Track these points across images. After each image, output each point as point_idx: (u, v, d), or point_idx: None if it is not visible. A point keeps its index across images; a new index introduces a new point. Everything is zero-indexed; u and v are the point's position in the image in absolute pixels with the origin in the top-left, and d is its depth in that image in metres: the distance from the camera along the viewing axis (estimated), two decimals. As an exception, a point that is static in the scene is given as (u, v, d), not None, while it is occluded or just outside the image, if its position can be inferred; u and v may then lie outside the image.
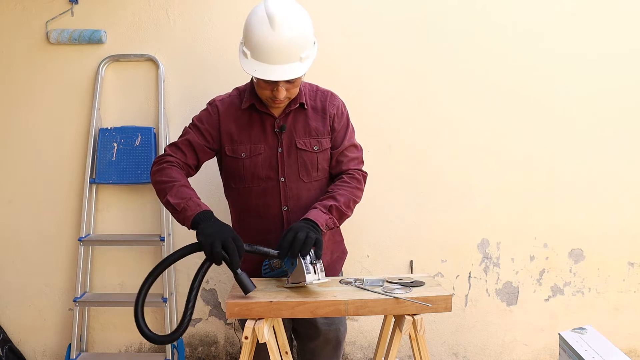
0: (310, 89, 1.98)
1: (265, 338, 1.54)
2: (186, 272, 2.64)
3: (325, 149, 1.92)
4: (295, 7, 1.73)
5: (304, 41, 1.73)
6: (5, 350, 2.64)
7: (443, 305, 1.59)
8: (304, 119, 1.91)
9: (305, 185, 1.91)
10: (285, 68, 1.71)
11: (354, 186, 1.88)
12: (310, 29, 1.77)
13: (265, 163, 1.88)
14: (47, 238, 2.65)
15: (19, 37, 2.56)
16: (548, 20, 2.53)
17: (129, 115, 2.59)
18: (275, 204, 1.90)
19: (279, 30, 1.67)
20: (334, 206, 1.79)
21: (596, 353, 1.93)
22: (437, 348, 2.69)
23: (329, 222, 1.77)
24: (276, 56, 1.69)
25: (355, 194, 1.88)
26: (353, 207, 1.88)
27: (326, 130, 1.92)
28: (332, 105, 1.94)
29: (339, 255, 2.10)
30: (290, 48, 1.70)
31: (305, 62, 1.75)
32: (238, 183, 1.93)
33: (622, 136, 2.59)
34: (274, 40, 1.68)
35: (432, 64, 2.55)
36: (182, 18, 2.54)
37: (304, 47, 1.73)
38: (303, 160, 1.89)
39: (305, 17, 1.75)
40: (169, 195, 1.75)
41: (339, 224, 1.84)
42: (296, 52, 1.71)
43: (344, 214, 1.83)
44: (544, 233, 2.63)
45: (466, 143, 2.58)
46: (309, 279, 1.57)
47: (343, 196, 1.83)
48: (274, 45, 1.68)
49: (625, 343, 2.65)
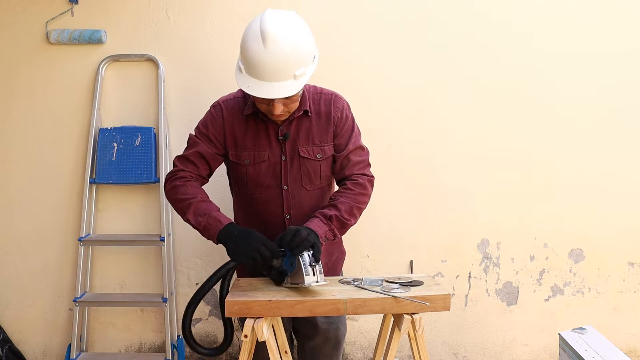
0: (315, 92, 1.92)
1: (264, 337, 1.54)
2: (186, 273, 2.65)
3: (329, 156, 1.88)
4: (291, 23, 1.65)
5: (299, 59, 1.65)
6: (5, 350, 2.64)
7: (441, 304, 1.60)
8: (307, 126, 1.86)
9: (308, 193, 1.89)
10: (278, 86, 1.65)
11: (358, 192, 1.83)
12: (307, 45, 1.69)
13: (268, 171, 1.86)
14: (47, 238, 2.65)
15: (19, 37, 2.57)
16: (546, 20, 2.53)
17: (129, 115, 2.59)
18: (277, 212, 1.89)
19: (271, 48, 1.61)
20: (335, 216, 1.76)
21: (596, 353, 1.93)
22: (437, 348, 2.69)
23: (328, 234, 1.75)
24: (268, 73, 1.63)
25: (358, 201, 1.82)
26: (358, 213, 1.83)
27: (329, 137, 1.88)
28: (336, 109, 1.89)
29: (338, 256, 2.09)
30: (283, 66, 1.63)
31: (300, 80, 1.67)
32: (242, 188, 1.92)
33: (622, 136, 2.59)
34: (266, 58, 1.61)
35: (432, 64, 2.55)
36: (182, 18, 2.54)
37: (299, 65, 1.65)
38: (306, 169, 1.86)
39: (302, 33, 1.67)
40: (188, 214, 1.76)
41: (340, 234, 1.81)
42: (290, 70, 1.64)
43: (345, 222, 1.79)
44: (544, 233, 2.63)
45: (466, 143, 2.58)
46: (307, 281, 1.57)
47: (344, 204, 1.79)
48: (266, 63, 1.62)
49: (625, 343, 2.65)
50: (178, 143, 2.59)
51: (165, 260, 2.52)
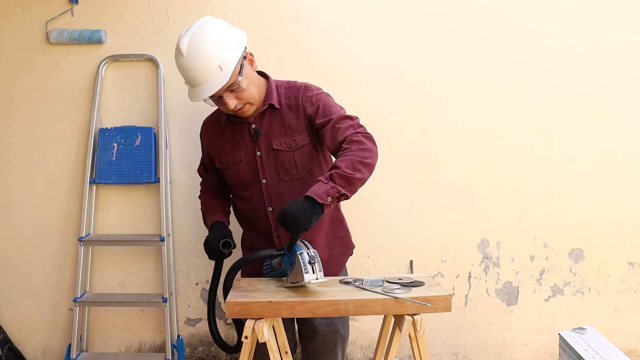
0: (287, 87, 1.98)
1: (265, 338, 1.54)
2: (186, 273, 2.65)
3: (301, 145, 1.92)
4: (200, 28, 1.79)
5: (216, 52, 1.76)
6: (5, 350, 2.64)
7: (442, 305, 1.60)
8: (279, 119, 1.94)
9: (287, 184, 1.94)
10: (211, 83, 1.77)
11: (355, 148, 1.74)
12: (221, 38, 1.78)
13: (247, 168, 1.96)
14: (47, 238, 2.65)
15: (19, 37, 2.57)
16: (546, 16, 2.53)
17: (129, 115, 2.59)
18: (260, 206, 1.96)
19: (187, 54, 1.76)
20: (335, 173, 1.67)
21: (596, 353, 1.93)
22: (437, 348, 2.69)
23: (331, 191, 1.65)
24: (197, 76, 1.78)
25: (359, 155, 1.72)
26: (363, 168, 1.71)
27: (300, 127, 1.92)
28: (304, 97, 1.93)
29: (340, 251, 2.06)
30: (204, 65, 1.76)
31: (226, 70, 1.76)
32: (232, 191, 2.07)
33: (622, 136, 2.59)
34: (188, 64, 1.77)
35: (432, 63, 2.55)
36: (182, 18, 2.54)
37: (219, 58, 1.75)
38: (281, 160, 1.93)
39: (213, 32, 1.78)
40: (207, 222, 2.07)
41: (347, 192, 1.68)
42: (211, 65, 1.76)
43: (350, 177, 1.67)
44: (544, 233, 2.63)
45: (466, 143, 2.58)
46: (307, 279, 1.58)
47: (344, 161, 1.70)
48: (191, 69, 1.78)
49: (625, 343, 2.65)
50: (178, 143, 2.59)
51: (165, 260, 2.52)
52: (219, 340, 1.94)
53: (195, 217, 2.52)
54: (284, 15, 2.52)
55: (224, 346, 1.95)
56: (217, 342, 1.94)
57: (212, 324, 1.93)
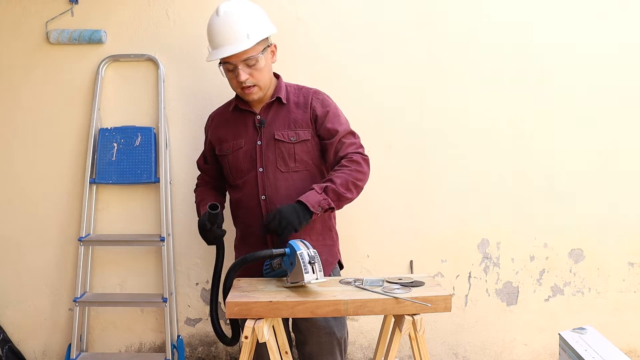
0: (297, 88, 2.07)
1: (265, 338, 1.54)
2: (186, 273, 2.64)
3: (303, 140, 1.97)
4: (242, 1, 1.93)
5: (248, 22, 1.88)
6: (5, 350, 2.64)
7: (442, 305, 1.60)
8: (285, 113, 2.00)
9: (283, 175, 1.96)
10: (233, 46, 1.86)
11: (353, 169, 1.89)
12: (256, 15, 1.92)
13: (246, 156, 1.99)
14: (47, 238, 2.65)
15: (19, 37, 2.57)
16: (547, 13, 2.53)
17: (129, 115, 2.59)
18: (254, 194, 1.98)
19: (222, 15, 1.88)
20: (330, 187, 1.82)
21: (596, 353, 1.93)
22: (437, 348, 2.69)
23: (323, 203, 1.80)
24: (223, 37, 1.87)
25: (354, 176, 1.88)
26: (354, 189, 1.88)
27: (305, 122, 1.98)
28: (315, 99, 2.01)
29: (327, 259, 2.03)
30: (235, 27, 1.86)
31: (252, 39, 1.86)
32: (228, 179, 2.08)
33: (622, 136, 2.59)
34: (219, 23, 1.88)
35: (431, 63, 2.55)
36: (182, 18, 2.54)
37: (249, 27, 1.86)
38: (280, 151, 1.97)
39: (251, 6, 1.93)
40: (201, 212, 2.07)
41: (336, 206, 1.85)
42: (240, 31, 1.86)
43: (342, 195, 1.84)
44: (544, 233, 2.63)
45: (466, 143, 2.58)
46: (307, 279, 1.58)
47: (340, 178, 1.85)
48: (219, 28, 1.88)
49: (625, 343, 2.65)
50: (178, 143, 2.59)
51: (165, 260, 2.52)
52: (218, 330, 1.96)
53: (195, 217, 2.51)
54: (284, 15, 2.52)
55: (222, 337, 1.97)
56: (216, 331, 1.97)
57: (214, 315, 1.97)
